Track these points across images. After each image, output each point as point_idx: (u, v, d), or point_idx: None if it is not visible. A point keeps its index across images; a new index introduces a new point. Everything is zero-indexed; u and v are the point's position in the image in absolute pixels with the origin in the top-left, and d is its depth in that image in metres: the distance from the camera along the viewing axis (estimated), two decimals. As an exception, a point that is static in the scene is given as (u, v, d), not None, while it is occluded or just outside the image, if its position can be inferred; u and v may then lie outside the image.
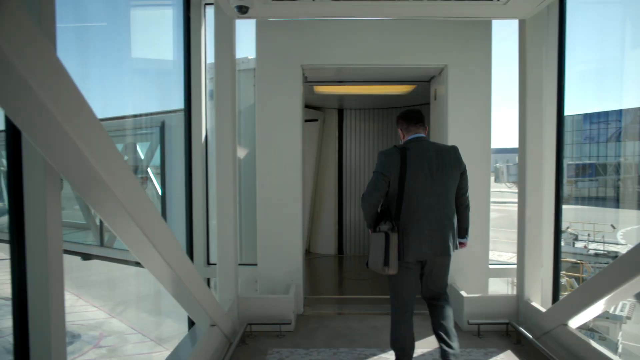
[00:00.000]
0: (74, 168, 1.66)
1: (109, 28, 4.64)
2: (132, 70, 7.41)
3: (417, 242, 2.80)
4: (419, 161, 2.84)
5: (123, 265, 9.38)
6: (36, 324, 1.96)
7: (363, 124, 7.65)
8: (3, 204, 10.66)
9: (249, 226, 4.70)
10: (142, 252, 2.22)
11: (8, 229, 2.04)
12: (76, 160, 1.59)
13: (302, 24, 4.43)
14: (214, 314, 3.18)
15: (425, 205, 2.82)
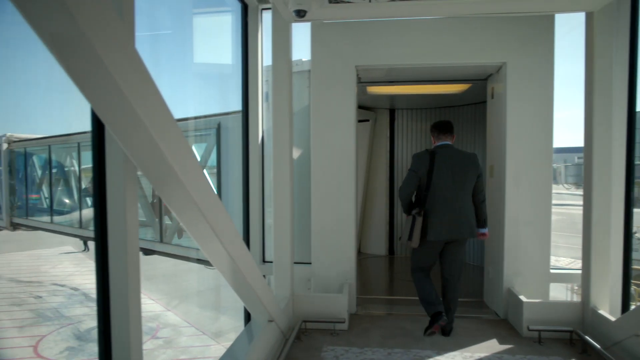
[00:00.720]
0: (152, 163, 1.77)
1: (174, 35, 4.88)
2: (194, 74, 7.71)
3: (438, 226, 3.60)
4: (444, 163, 3.66)
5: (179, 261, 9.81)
6: (117, 314, 2.11)
7: (415, 124, 7.55)
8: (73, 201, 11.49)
9: (302, 225, 4.79)
10: (210, 246, 2.32)
11: (93, 227, 2.22)
12: (154, 156, 1.69)
13: (356, 25, 4.45)
14: (272, 310, 3.27)
15: (446, 198, 3.63)
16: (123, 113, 1.47)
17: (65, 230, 10.73)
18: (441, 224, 3.59)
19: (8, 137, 11.95)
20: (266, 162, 4.62)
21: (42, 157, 12.33)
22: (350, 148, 4.48)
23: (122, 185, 1.96)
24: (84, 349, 14.84)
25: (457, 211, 3.61)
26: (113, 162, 1.97)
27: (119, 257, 2.06)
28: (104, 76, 1.32)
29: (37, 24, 1.18)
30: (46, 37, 1.22)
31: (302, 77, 5.06)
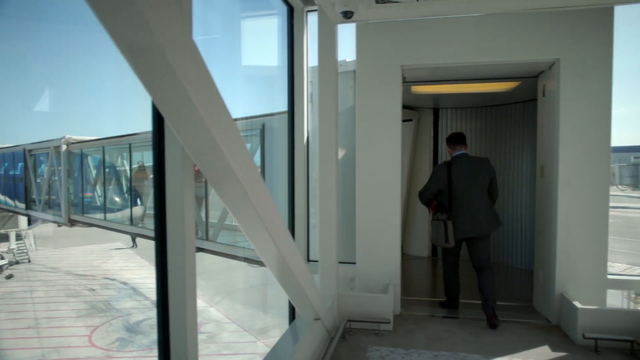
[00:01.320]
0: (212, 162, 1.84)
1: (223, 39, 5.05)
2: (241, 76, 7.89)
3: (462, 225, 4.24)
4: (461, 170, 4.30)
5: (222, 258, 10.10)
6: (175, 310, 2.21)
7: (460, 123, 7.39)
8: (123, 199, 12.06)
9: (345, 225, 4.81)
10: (262, 243, 2.39)
11: (154, 227, 2.34)
12: (215, 155, 1.76)
13: (402, 24, 4.42)
14: (319, 308, 3.31)
15: (466, 201, 4.26)
16: (188, 114, 1.55)
17: (117, 227, 11.28)
18: (465, 223, 4.23)
19: (67, 139, 12.72)
20: (311, 162, 4.67)
21: (96, 158, 13.04)
22: (396, 148, 4.45)
23: (181, 187, 2.06)
24: (133, 340, 15.55)
25: (477, 211, 4.24)
26: (172, 164, 2.07)
27: (177, 255, 2.16)
28: (173, 82, 1.40)
29: (116, 35, 1.27)
30: (124, 47, 1.31)
31: (346, 78, 5.08)
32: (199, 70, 1.51)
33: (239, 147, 1.87)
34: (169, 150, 2.08)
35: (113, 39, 1.28)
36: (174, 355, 2.25)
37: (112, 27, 1.25)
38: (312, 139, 4.69)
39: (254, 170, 2.03)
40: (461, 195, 4.25)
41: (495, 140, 7.20)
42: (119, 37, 1.28)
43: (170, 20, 1.32)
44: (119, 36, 1.28)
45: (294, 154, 4.54)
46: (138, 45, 1.30)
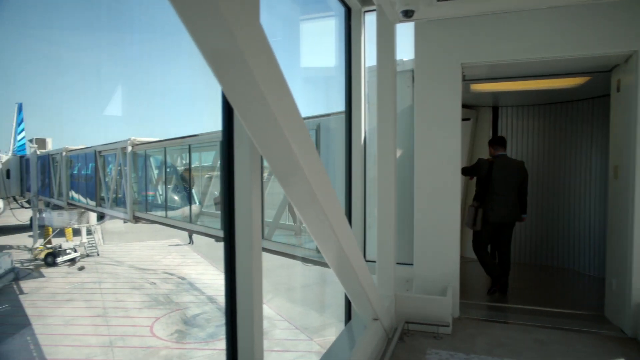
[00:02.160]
0: (282, 159, 1.90)
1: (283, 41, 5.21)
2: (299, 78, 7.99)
3: (496, 211, 5.13)
4: (500, 168, 5.15)
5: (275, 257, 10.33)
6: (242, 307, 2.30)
7: (521, 122, 7.07)
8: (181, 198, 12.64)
9: (402, 226, 4.76)
10: (325, 240, 2.43)
11: (223, 227, 2.45)
12: (285, 152, 1.82)
13: (462, 21, 4.31)
14: (378, 308, 3.31)
15: (501, 194, 5.12)
16: (263, 114, 1.61)
17: (177, 224, 11.82)
18: (499, 211, 5.13)
19: (132, 140, 13.53)
20: (368, 162, 4.67)
21: (158, 158, 13.76)
22: (456, 148, 4.35)
23: (249, 188, 2.15)
24: (190, 332, 16.26)
25: (508, 203, 5.16)
26: (241, 166, 2.17)
27: (244, 254, 2.25)
28: (251, 84, 1.47)
29: (200, 40, 1.35)
30: (207, 51, 1.39)
31: (403, 77, 5.02)
32: (274, 73, 1.57)
33: (308, 145, 1.92)
34: (238, 152, 2.18)
35: (197, 44, 1.36)
36: (241, 349, 2.34)
37: (197, 33, 1.33)
38: (369, 139, 4.69)
39: (320, 169, 2.08)
40: (499, 189, 5.10)
41: (560, 139, 6.83)
42: (203, 42, 1.36)
43: (250, 26, 1.39)
44: (203, 42, 1.36)
45: (351, 154, 4.56)
46: (220, 50, 1.38)
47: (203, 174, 11.40)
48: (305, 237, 6.97)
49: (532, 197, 7.02)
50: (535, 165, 6.99)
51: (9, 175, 29.48)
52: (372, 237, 4.73)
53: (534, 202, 6.92)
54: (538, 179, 6.98)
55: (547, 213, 6.95)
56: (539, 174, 6.99)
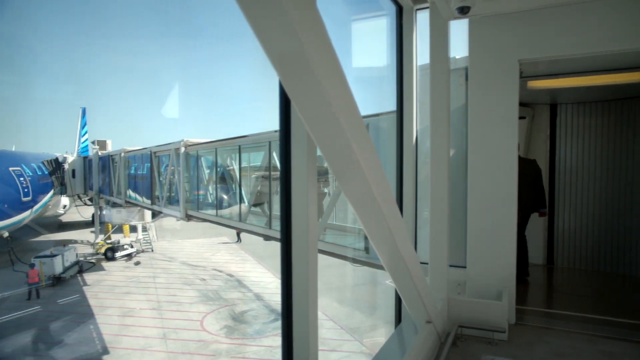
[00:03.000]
0: (340, 155, 1.91)
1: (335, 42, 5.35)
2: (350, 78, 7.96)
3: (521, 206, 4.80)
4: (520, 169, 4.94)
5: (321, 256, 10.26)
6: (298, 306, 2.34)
7: (582, 120, 6.69)
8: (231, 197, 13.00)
9: (454, 227, 4.64)
10: (381, 239, 2.42)
11: (280, 228, 2.50)
12: (344, 148, 1.83)
13: (518, 16, 4.14)
14: (431, 311, 3.26)
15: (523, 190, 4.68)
16: (325, 113, 1.64)
17: (227, 222, 12.16)
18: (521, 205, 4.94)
19: (185, 141, 14.08)
20: (419, 163, 4.59)
21: (208, 159, 14.22)
22: (512, 148, 4.19)
23: (306, 189, 2.18)
24: (238, 328, 16.70)
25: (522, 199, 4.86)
26: (298, 167, 2.21)
27: (301, 254, 2.29)
28: (315, 85, 1.50)
29: (267, 43, 1.40)
30: (273, 54, 1.43)
31: (455, 75, 4.90)
32: (337, 74, 1.59)
33: (367, 144, 1.93)
34: (295, 153, 2.22)
35: (263, 47, 1.41)
36: (297, 348, 2.38)
37: (264, 37, 1.38)
38: (421, 139, 4.61)
39: (378, 166, 2.08)
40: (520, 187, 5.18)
41: (624, 138, 6.39)
42: (270, 46, 1.41)
43: (315, 29, 1.41)
44: (270, 45, 1.41)
45: (403, 154, 4.50)
46: (286, 53, 1.41)
47: (252, 174, 11.66)
48: (354, 237, 6.97)
49: (590, 200, 6.63)
50: (596, 165, 6.59)
51: (74, 174, 31.65)
52: (423, 238, 4.66)
53: (593, 205, 6.54)
54: (598, 181, 6.57)
55: (608, 217, 6.53)
56: (598, 175, 6.58)
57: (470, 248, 4.35)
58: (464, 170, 4.44)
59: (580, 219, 6.69)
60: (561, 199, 6.83)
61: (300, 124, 2.19)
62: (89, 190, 32.12)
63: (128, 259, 27.59)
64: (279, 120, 2.29)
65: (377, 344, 14.87)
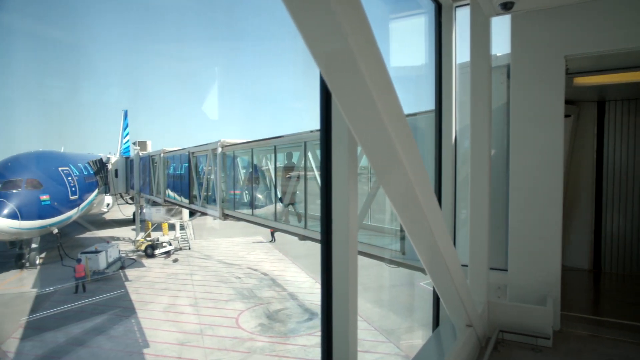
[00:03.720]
0: (382, 153, 1.90)
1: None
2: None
3: None
4: None
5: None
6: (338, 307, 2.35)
7: (633, 118, 6.35)
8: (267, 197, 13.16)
9: (494, 229, 4.51)
10: (421, 238, 2.38)
11: (320, 229, 2.52)
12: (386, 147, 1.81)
13: (564, 10, 3.97)
14: (472, 314, 3.19)
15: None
16: (369, 112, 1.64)
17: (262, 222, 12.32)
18: None
19: (222, 142, 14.38)
20: (459, 163, 4.49)
21: (244, 159, 14.46)
22: (557, 147, 4.04)
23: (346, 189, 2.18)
24: (273, 327, 16.88)
25: None
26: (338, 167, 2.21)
27: (341, 256, 2.29)
28: (360, 85, 1.50)
29: (313, 44, 1.41)
30: (318, 53, 1.44)
31: (496, 73, 4.76)
32: (382, 73, 1.58)
33: (410, 142, 1.91)
34: (336, 153, 2.23)
35: (309, 47, 1.42)
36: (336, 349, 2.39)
37: (310, 37, 1.39)
38: (460, 139, 4.51)
39: (420, 165, 2.05)
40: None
41: None
42: (315, 45, 1.42)
43: (361, 29, 1.42)
44: (315, 45, 1.42)
45: (441, 154, 4.41)
46: (332, 53, 1.42)
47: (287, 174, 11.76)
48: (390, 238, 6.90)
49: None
50: None
51: (117, 174, 33.03)
52: (462, 239, 4.55)
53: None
54: None
55: None
56: None
57: (512, 251, 4.22)
58: (505, 171, 4.31)
59: (630, 222, 6.36)
60: (609, 201, 6.50)
61: (341, 124, 2.19)
62: (130, 189, 33.47)
63: (166, 256, 28.48)
64: (319, 120, 2.30)
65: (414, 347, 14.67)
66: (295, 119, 72.16)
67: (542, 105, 4.06)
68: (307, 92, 38.28)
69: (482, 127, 3.68)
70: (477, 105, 3.68)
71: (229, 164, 14.91)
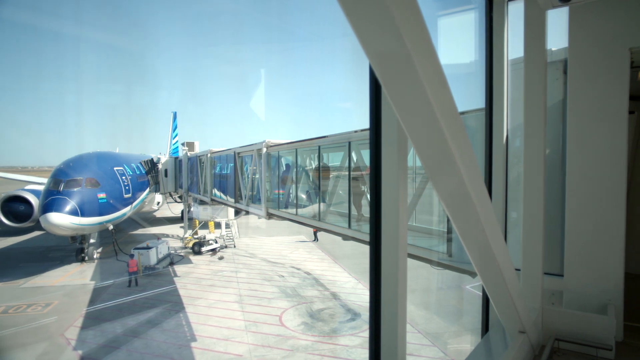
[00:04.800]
0: (435, 152, 1.86)
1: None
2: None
3: None
4: None
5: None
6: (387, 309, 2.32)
7: None
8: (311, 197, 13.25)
9: (549, 232, 4.30)
10: (474, 240, 2.32)
11: (369, 230, 2.50)
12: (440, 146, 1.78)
13: (629, 0, 3.73)
14: (525, 320, 3.06)
15: None
16: (423, 112, 1.62)
17: (306, 221, 12.41)
18: None
19: (266, 142, 14.64)
20: (510, 162, 4.33)
21: (288, 159, 14.63)
22: (620, 146, 3.79)
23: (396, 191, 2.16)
24: (315, 326, 16.97)
25: None
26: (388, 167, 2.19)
27: (390, 258, 2.27)
28: (416, 85, 1.48)
29: (368, 44, 1.40)
30: (373, 53, 1.44)
31: (551, 69, 4.54)
32: (437, 73, 1.56)
33: (465, 142, 1.86)
34: (386, 152, 2.21)
35: (363, 46, 1.42)
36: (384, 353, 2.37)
37: (365, 36, 1.39)
38: (511, 138, 4.34)
39: (475, 167, 2.00)
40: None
41: None
42: (370, 44, 1.41)
43: (417, 29, 1.40)
44: (370, 44, 1.41)
45: (492, 154, 4.27)
46: (387, 51, 1.41)
47: (331, 173, 11.79)
48: (436, 239, 6.76)
49: None
50: None
51: (166, 174, 34.47)
52: (513, 242, 4.38)
53: None
54: None
55: None
56: None
57: (569, 255, 4.00)
58: (560, 171, 4.11)
59: None
60: (677, 204, 6.03)
61: (391, 124, 2.18)
62: (178, 189, 34.83)
63: (212, 253, 29.37)
64: (369, 119, 2.29)
65: (461, 352, 14.29)
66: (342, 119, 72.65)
67: (603, 101, 3.82)
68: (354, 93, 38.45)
69: (536, 126, 3.52)
70: (531, 103, 3.53)
71: (274, 164, 15.14)
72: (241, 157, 17.66)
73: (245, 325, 16.98)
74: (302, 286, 22.17)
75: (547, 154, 4.48)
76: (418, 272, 19.04)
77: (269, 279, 23.49)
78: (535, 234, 3.56)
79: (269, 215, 14.63)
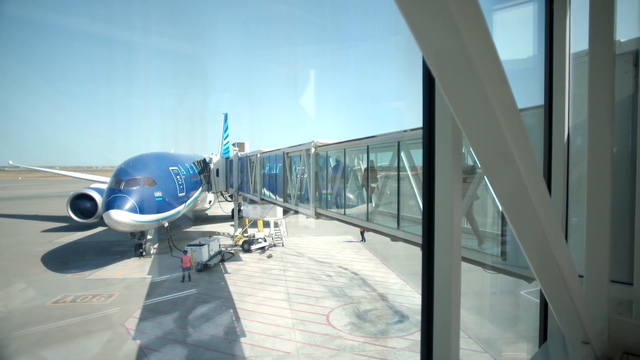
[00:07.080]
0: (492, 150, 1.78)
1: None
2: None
3: None
4: None
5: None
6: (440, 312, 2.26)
7: None
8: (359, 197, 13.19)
9: (616, 235, 4.01)
10: (533, 243, 2.20)
11: (422, 232, 2.45)
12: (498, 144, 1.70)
13: None
14: (589, 330, 2.87)
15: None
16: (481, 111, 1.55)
17: (354, 221, 12.38)
18: None
19: (315, 142, 14.75)
20: (572, 163, 4.08)
21: (337, 159, 14.66)
22: None
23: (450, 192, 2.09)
24: (362, 327, 16.88)
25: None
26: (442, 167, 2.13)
27: (444, 260, 2.20)
28: (475, 84, 1.43)
29: (425, 42, 1.37)
30: (429, 51, 1.40)
31: (621, 61, 4.22)
32: (498, 70, 1.50)
33: (524, 139, 1.77)
34: (440, 152, 2.15)
35: (419, 44, 1.39)
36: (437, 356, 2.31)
37: (422, 33, 1.36)
38: (573, 136, 4.09)
39: (535, 166, 1.89)
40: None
41: None
42: (427, 41, 1.38)
43: (476, 24, 1.35)
44: (427, 41, 1.38)
45: (551, 153, 4.04)
46: (445, 48, 1.37)
47: (379, 173, 11.68)
48: (489, 242, 6.52)
49: None
50: None
51: (218, 173, 35.67)
52: (574, 246, 4.13)
53: None
54: None
55: None
56: None
57: (639, 262, 3.71)
58: (629, 171, 3.81)
59: None
60: None
61: (445, 123, 2.12)
62: (229, 188, 35.93)
63: (261, 252, 30.02)
64: (422, 119, 2.24)
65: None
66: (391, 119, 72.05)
67: None
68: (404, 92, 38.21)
69: (602, 123, 3.28)
70: (597, 98, 3.29)
71: (322, 164, 15.23)
72: (290, 157, 17.91)
73: (293, 323, 17.21)
74: (349, 286, 22.15)
75: (614, 152, 4.18)
76: (469, 276, 18.44)
77: (317, 278, 23.66)
78: (601, 238, 3.32)
79: (317, 214, 14.73)
